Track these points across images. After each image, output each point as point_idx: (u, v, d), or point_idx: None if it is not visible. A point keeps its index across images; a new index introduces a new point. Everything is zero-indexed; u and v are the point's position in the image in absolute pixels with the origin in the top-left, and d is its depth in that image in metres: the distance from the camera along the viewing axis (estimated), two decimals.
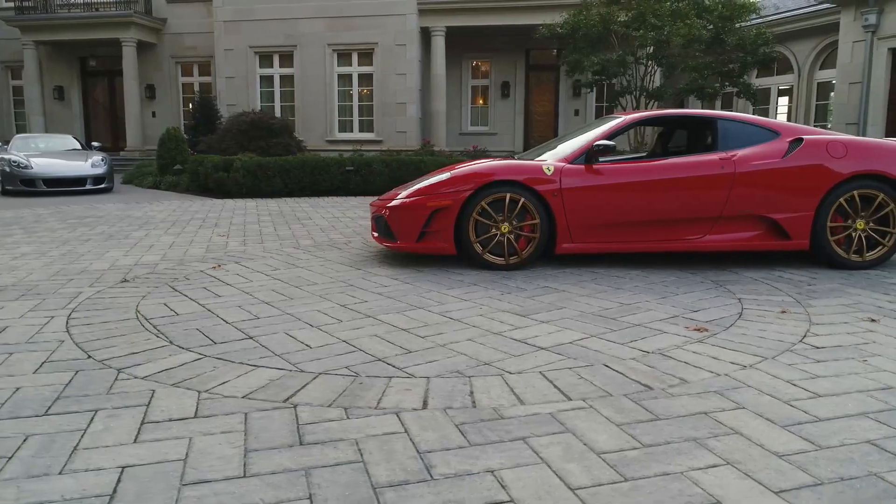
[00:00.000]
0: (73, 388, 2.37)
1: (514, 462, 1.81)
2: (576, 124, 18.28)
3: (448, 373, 2.53)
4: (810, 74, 14.99)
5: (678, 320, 3.27)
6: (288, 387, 2.39)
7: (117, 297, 3.79)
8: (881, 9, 11.47)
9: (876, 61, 11.65)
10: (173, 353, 2.77)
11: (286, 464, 1.81)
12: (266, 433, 2.01)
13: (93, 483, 1.71)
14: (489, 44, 18.18)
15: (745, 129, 4.72)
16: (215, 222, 7.47)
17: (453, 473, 1.75)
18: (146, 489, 1.68)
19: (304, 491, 1.67)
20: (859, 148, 4.54)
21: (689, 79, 12.62)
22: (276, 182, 10.97)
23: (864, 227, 4.52)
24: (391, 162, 11.56)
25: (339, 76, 17.18)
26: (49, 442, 1.95)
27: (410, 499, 1.63)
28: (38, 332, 3.08)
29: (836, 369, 2.54)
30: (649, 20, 10.73)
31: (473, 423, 2.07)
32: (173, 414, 2.15)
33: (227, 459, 1.84)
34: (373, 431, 2.01)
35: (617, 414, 2.13)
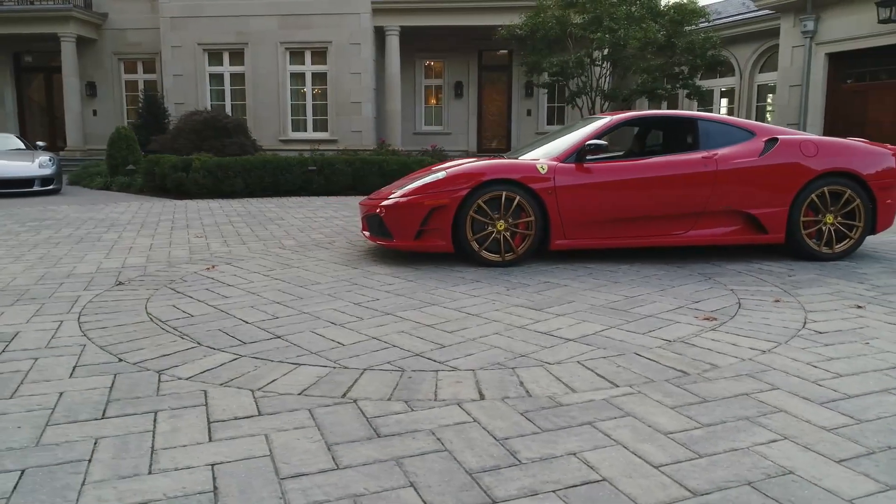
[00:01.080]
0: (120, 392, 2.34)
1: (592, 445, 1.91)
2: (528, 124, 18.62)
3: (490, 365, 2.61)
4: (751, 77, 15.71)
5: (685, 311, 3.44)
6: (339, 383, 2.43)
7: (121, 300, 3.71)
8: (818, 16, 12.15)
9: (814, 65, 12.34)
10: (207, 355, 2.75)
11: (373, 455, 1.86)
12: (339, 427, 2.04)
13: (190, 481, 1.72)
14: (442, 44, 18.30)
15: (724, 130, 4.97)
16: (186, 223, 7.31)
17: (539, 457, 1.84)
18: (247, 484, 1.70)
19: (402, 479, 1.72)
20: (829, 147, 4.85)
21: (641, 80, 13.06)
22: (237, 182, 10.78)
23: (833, 221, 4.84)
24: (354, 161, 11.52)
25: (293, 75, 16.97)
26: (122, 444, 1.93)
27: (508, 482, 1.70)
28: (54, 337, 3.00)
29: (845, 352, 2.75)
30: (606, 23, 11.06)
31: (536, 410, 2.16)
32: (237, 413, 2.16)
33: (312, 453, 1.87)
34: (443, 422, 2.08)
35: (666, 398, 2.26)
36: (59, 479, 1.73)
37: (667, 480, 1.70)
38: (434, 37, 17.98)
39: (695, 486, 1.67)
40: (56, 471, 1.77)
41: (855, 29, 11.60)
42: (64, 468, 1.79)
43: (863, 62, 11.97)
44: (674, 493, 1.64)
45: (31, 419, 2.10)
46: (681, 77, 12.77)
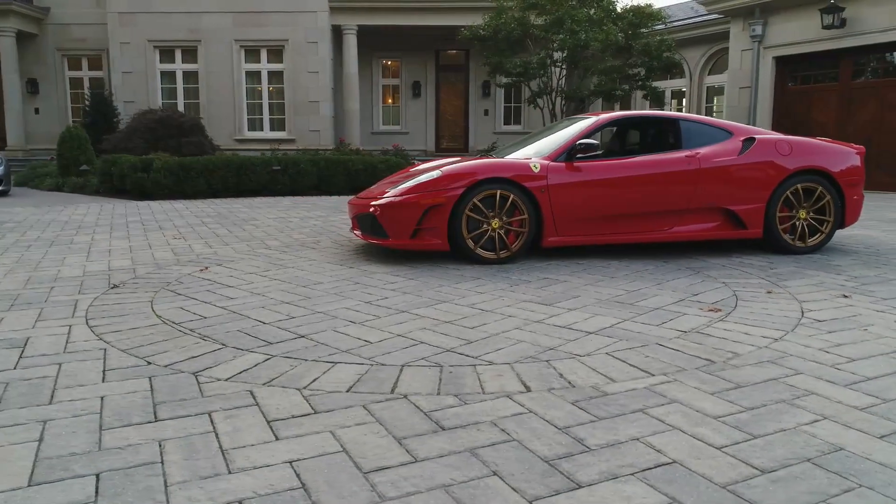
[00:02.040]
0: (164, 394, 2.31)
1: (651, 430, 2.00)
2: (485, 124, 18.80)
3: (523, 359, 2.68)
4: (700, 79, 16.29)
5: (688, 303, 3.59)
6: (382, 380, 2.45)
7: (123, 303, 3.62)
8: (766, 21, 12.70)
9: (762, 68, 12.88)
10: (237, 356, 2.73)
11: (446, 447, 1.90)
12: (400, 422, 2.08)
13: (275, 478, 1.73)
14: (400, 43, 18.29)
15: (703, 129, 5.18)
16: (157, 225, 7.13)
17: (605, 444, 1.92)
18: (333, 479, 1.72)
19: (484, 469, 1.77)
20: (801, 146, 5.11)
21: (598, 81, 13.38)
22: (199, 182, 10.55)
23: (806, 217, 5.10)
24: (319, 161, 11.44)
25: (248, 73, 16.67)
26: (188, 445, 1.92)
27: (586, 467, 1.78)
28: (69, 342, 2.91)
29: (849, 338, 2.93)
30: (568, 25, 11.29)
31: (585, 400, 2.25)
32: (293, 411, 2.16)
33: (385, 448, 1.90)
34: (501, 413, 2.14)
35: (703, 385, 2.37)
36: (138, 482, 1.71)
37: (732, 460, 1.81)
38: (391, 36, 17.97)
39: (760, 465, 1.78)
40: (132, 473, 1.75)
41: (800, 34, 12.18)
42: (139, 471, 1.77)
43: (808, 65, 12.58)
44: (744, 471, 1.75)
45: (81, 424, 2.06)
46: (637, 78, 13.14)
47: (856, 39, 11.42)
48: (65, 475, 1.74)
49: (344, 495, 1.64)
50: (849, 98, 11.86)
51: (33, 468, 1.78)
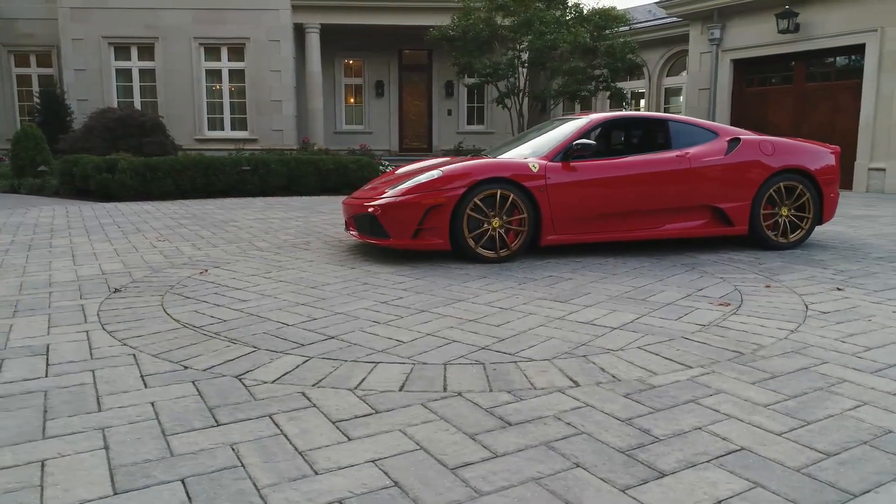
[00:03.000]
0: (215, 398, 2.28)
1: (709, 419, 2.08)
2: (449, 124, 18.88)
3: (560, 355, 2.74)
4: (659, 80, 16.72)
5: (695, 298, 3.72)
6: (430, 378, 2.48)
7: (133, 308, 3.53)
8: (724, 24, 13.13)
9: (721, 70, 13.32)
10: (273, 358, 2.71)
11: (520, 441, 1.94)
12: (464, 419, 2.11)
13: (365, 477, 1.74)
14: (363, 43, 18.21)
15: (691, 130, 5.35)
16: (134, 227, 6.94)
17: (672, 433, 1.99)
18: (423, 476, 1.74)
19: (565, 461, 1.82)
20: (783, 146, 5.33)
21: (563, 82, 13.60)
22: (166, 183, 10.29)
23: (787, 214, 5.33)
24: (289, 161, 11.29)
25: (208, 72, 16.32)
26: (262, 448, 1.91)
27: (663, 456, 1.84)
28: (93, 349, 2.84)
29: (857, 328, 3.09)
30: (536, 26, 11.45)
31: (636, 392, 2.32)
32: (354, 411, 2.17)
33: (461, 444, 1.93)
34: (560, 408, 2.19)
35: (741, 375, 2.48)
36: (227, 486, 1.70)
37: (796, 445, 1.90)
38: (354, 35, 17.87)
39: (824, 448, 1.88)
40: (217, 478, 1.74)
41: (757, 38, 12.64)
42: (223, 475, 1.75)
43: (764, 68, 13.06)
44: (811, 455, 1.84)
45: (143, 430, 2.02)
46: (601, 79, 13.41)
47: (809, 44, 11.92)
48: (149, 482, 1.71)
49: (440, 491, 1.67)
50: (803, 100, 12.38)
51: (112, 476, 1.75)
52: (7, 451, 1.89)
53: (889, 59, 10.98)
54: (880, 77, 11.10)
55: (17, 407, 2.20)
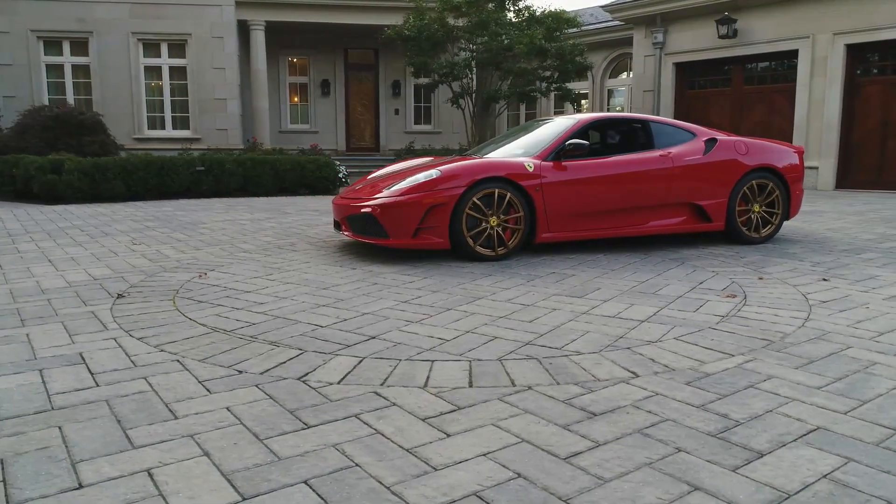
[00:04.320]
0: (290, 401, 2.26)
1: (776, 403, 2.22)
2: (396, 124, 18.85)
3: (604, 347, 2.84)
4: (602, 82, 17.22)
5: (702, 291, 3.91)
6: (492, 374, 2.53)
7: (147, 313, 3.42)
8: (667, 29, 13.67)
9: (664, 73, 13.86)
10: (326, 360, 2.70)
11: (613, 430, 2.02)
12: (549, 411, 2.17)
13: (486, 470, 1.77)
14: (307, 41, 17.95)
15: (671, 130, 5.59)
16: (100, 230, 6.65)
17: (749, 416, 2.11)
18: (539, 465, 1.79)
19: (665, 447, 1.91)
20: (755, 146, 5.64)
21: (513, 83, 13.83)
22: (117, 185, 9.89)
23: (759, 210, 5.64)
24: (244, 161, 11.05)
25: (147, 68, 15.70)
26: (368, 447, 1.91)
27: (754, 437, 1.96)
28: (131, 356, 2.74)
29: (861, 315, 3.33)
30: (492, 28, 11.60)
31: (695, 380, 2.44)
32: (438, 409, 2.20)
33: (561, 435, 1.99)
34: (633, 397, 2.28)
35: (781, 361, 2.64)
36: (355, 485, 1.70)
37: (863, 422, 2.06)
38: (299, 34, 17.60)
39: (890, 424, 2.04)
40: (341, 478, 1.74)
41: (698, 42, 13.22)
42: (344, 475, 1.75)
43: (705, 71, 13.67)
44: (881, 431, 2.00)
45: (234, 435, 1.99)
46: (550, 81, 13.71)
47: (747, 49, 12.57)
48: (272, 485, 1.70)
49: (565, 480, 1.72)
50: (741, 102, 13.04)
51: (230, 481, 1.72)
52: (103, 461, 1.83)
53: (820, 64, 11.72)
54: (812, 81, 11.83)
55: (87, 417, 2.12)
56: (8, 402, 2.25)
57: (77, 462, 1.83)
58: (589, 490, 1.67)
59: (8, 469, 1.78)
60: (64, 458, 1.85)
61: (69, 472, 1.77)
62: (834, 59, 11.53)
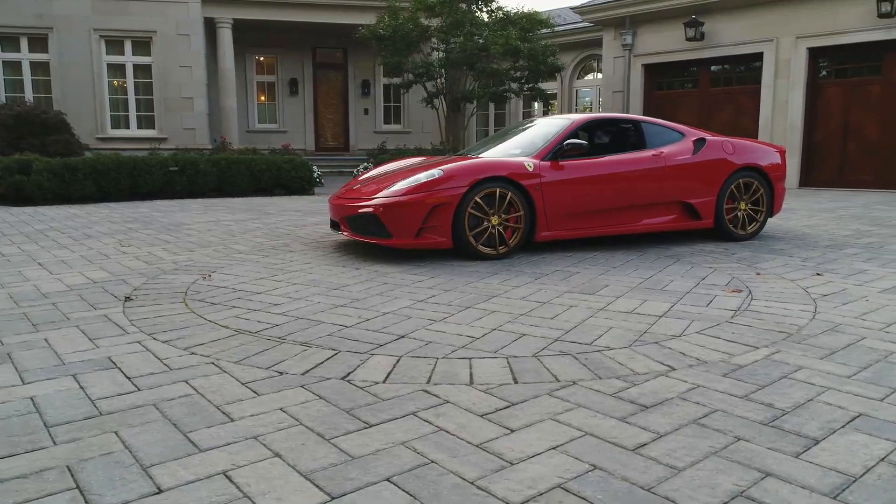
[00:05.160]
0: (342, 401, 2.26)
1: (814, 392, 2.31)
2: (366, 123, 18.77)
3: (633, 343, 2.91)
4: (570, 82, 17.46)
5: (706, 286, 4.02)
6: (532, 370, 2.57)
7: (163, 316, 3.35)
8: (635, 31, 13.94)
9: (633, 74, 14.13)
10: (363, 360, 2.70)
11: (669, 421, 2.08)
12: (601, 405, 2.22)
13: (561, 463, 1.81)
14: (275, 39, 17.74)
15: (661, 131, 5.73)
16: (82, 233, 6.46)
17: (792, 405, 2.20)
18: (611, 457, 1.83)
19: (724, 437, 1.97)
20: (741, 146, 5.82)
21: (485, 83, 13.91)
22: (88, 185, 9.61)
23: (745, 208, 5.82)
24: (219, 161, 10.86)
25: (110, 66, 15.29)
26: (437, 444, 1.93)
27: (803, 425, 2.04)
28: (162, 360, 2.69)
29: (863, 307, 3.48)
30: (468, 28, 11.66)
31: (730, 372, 2.52)
32: (491, 405, 2.22)
33: (620, 427, 2.04)
34: (676, 389, 2.35)
35: (805, 353, 2.75)
36: (438, 482, 1.71)
37: None
38: (266, 32, 17.37)
39: None
40: (422, 475, 1.75)
41: (666, 44, 13.53)
42: (424, 472, 1.77)
43: (673, 73, 13.99)
44: None
45: (299, 436, 1.98)
46: (523, 81, 13.84)
47: (713, 51, 12.92)
48: (357, 484, 1.70)
49: (641, 470, 1.77)
50: (709, 103, 13.39)
51: (312, 481, 1.72)
52: (174, 465, 1.80)
53: (783, 66, 12.12)
54: (776, 83, 12.22)
55: (140, 422, 2.08)
56: (51, 408, 2.19)
57: (148, 467, 1.80)
58: (666, 479, 1.73)
59: (78, 475, 1.75)
60: (132, 463, 1.82)
61: (143, 476, 1.75)
62: (797, 61, 11.94)
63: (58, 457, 1.85)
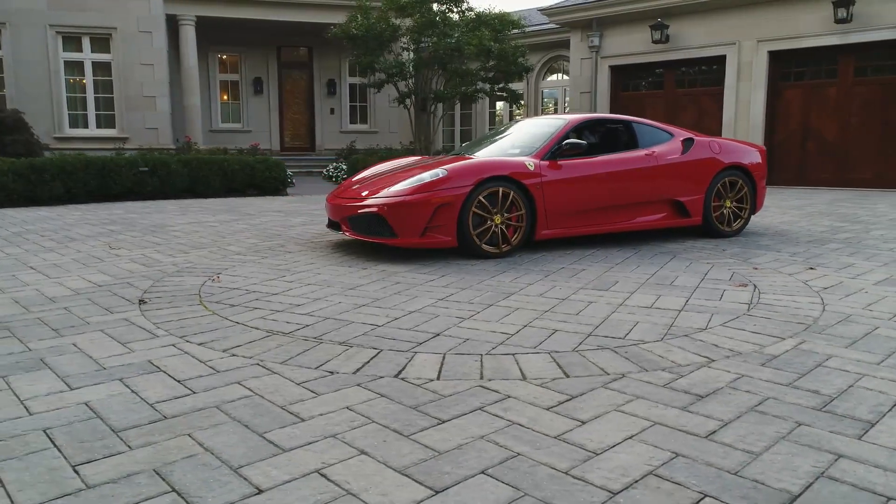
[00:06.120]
0: (404, 399, 2.28)
1: (851, 379, 2.44)
2: (332, 123, 18.62)
3: (664, 336, 3.00)
4: (536, 83, 17.67)
5: (712, 281, 4.16)
6: (578, 364, 2.63)
7: (187, 318, 3.30)
8: (602, 33, 14.21)
9: (600, 75, 14.40)
10: (409, 358, 2.71)
11: (728, 409, 2.16)
12: (659, 395, 2.29)
13: (641, 451, 1.87)
14: (239, 37, 17.45)
15: (651, 131, 5.88)
16: (64, 235, 6.27)
17: (837, 391, 2.31)
18: (688, 445, 1.90)
19: (785, 423, 2.07)
20: (726, 146, 6.02)
21: (456, 83, 13.98)
22: (55, 187, 9.30)
23: (730, 205, 6.03)
24: (190, 161, 10.65)
25: (68, 63, 14.79)
26: (517, 438, 1.96)
27: (854, 409, 2.15)
28: (205, 362, 2.66)
29: (865, 299, 3.66)
30: (441, 28, 11.69)
31: (766, 362, 2.63)
32: (554, 398, 2.27)
33: (684, 416, 2.11)
34: (724, 379, 2.44)
35: (829, 342, 2.88)
36: (533, 472, 1.75)
37: None
38: (230, 30, 17.07)
39: None
40: (515, 467, 1.78)
41: (633, 47, 13.83)
42: (514, 464, 1.80)
43: (639, 74, 14.32)
44: None
45: (377, 433, 1.99)
46: (494, 81, 13.95)
47: (678, 53, 13.27)
48: (455, 478, 1.73)
49: (721, 455, 1.85)
50: (673, 104, 13.75)
51: (409, 476, 1.74)
52: (263, 465, 1.80)
53: (745, 69, 12.54)
54: (739, 85, 12.64)
55: (210, 424, 2.06)
56: (112, 413, 2.15)
57: (237, 468, 1.79)
58: (748, 463, 1.81)
59: (169, 479, 1.73)
60: (219, 465, 1.81)
61: (236, 477, 1.74)
62: (758, 64, 12.37)
63: (140, 461, 1.83)
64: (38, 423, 2.07)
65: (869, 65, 11.57)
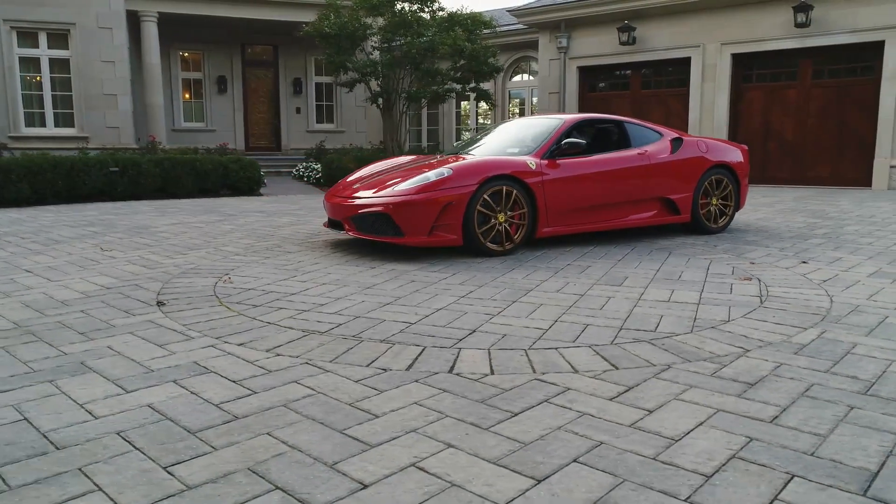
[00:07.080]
0: (470, 394, 2.31)
1: (883, 365, 2.57)
2: (298, 123, 18.39)
3: (692, 329, 3.11)
4: (504, 83, 17.83)
5: (717, 276, 4.31)
6: (623, 356, 2.70)
7: (215, 319, 3.26)
8: (570, 34, 14.43)
9: (569, 76, 14.63)
10: (453, 354, 2.75)
11: (781, 395, 2.26)
12: (711, 383, 2.38)
13: (718, 436, 1.95)
14: (202, 35, 17.07)
15: (641, 131, 6.03)
16: (47, 237, 6.06)
17: (873, 376, 2.44)
18: (755, 429, 1.99)
19: (838, 406, 2.18)
20: (713, 145, 6.22)
21: (426, 83, 14.00)
22: (22, 188, 8.97)
23: (716, 203, 6.23)
24: (162, 161, 10.41)
25: (23, 60, 14.25)
26: (593, 428, 2.02)
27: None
28: (254, 361, 2.64)
29: (865, 290, 3.85)
30: (415, 28, 11.70)
31: (799, 350, 2.76)
32: (613, 390, 2.34)
33: (745, 403, 2.20)
34: (765, 368, 2.55)
35: (849, 331, 3.03)
36: (622, 460, 1.81)
37: None
38: (192, 27, 16.69)
39: None
40: (603, 455, 1.84)
41: (601, 48, 14.09)
42: (601, 451, 1.86)
43: (606, 75, 14.59)
44: None
45: (457, 428, 2.02)
46: (466, 81, 14.02)
47: (645, 55, 13.58)
48: (551, 467, 1.77)
49: (791, 438, 1.94)
50: (640, 105, 14.06)
51: (505, 467, 1.77)
52: (356, 461, 1.81)
53: (709, 70, 12.92)
54: (703, 86, 13.01)
55: (285, 423, 2.06)
56: (180, 414, 2.12)
57: (332, 465, 1.80)
58: (819, 445, 1.90)
59: (269, 477, 1.72)
60: (312, 462, 1.81)
61: (335, 474, 1.75)
62: (721, 66, 12.77)
63: (231, 461, 1.82)
64: (109, 426, 2.03)
65: (826, 67, 12.07)
